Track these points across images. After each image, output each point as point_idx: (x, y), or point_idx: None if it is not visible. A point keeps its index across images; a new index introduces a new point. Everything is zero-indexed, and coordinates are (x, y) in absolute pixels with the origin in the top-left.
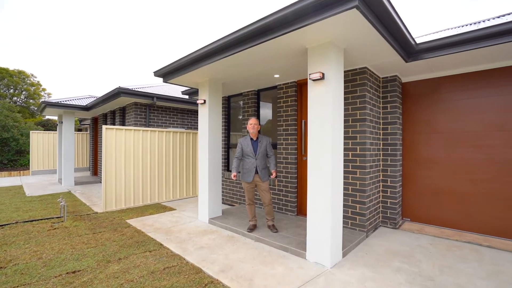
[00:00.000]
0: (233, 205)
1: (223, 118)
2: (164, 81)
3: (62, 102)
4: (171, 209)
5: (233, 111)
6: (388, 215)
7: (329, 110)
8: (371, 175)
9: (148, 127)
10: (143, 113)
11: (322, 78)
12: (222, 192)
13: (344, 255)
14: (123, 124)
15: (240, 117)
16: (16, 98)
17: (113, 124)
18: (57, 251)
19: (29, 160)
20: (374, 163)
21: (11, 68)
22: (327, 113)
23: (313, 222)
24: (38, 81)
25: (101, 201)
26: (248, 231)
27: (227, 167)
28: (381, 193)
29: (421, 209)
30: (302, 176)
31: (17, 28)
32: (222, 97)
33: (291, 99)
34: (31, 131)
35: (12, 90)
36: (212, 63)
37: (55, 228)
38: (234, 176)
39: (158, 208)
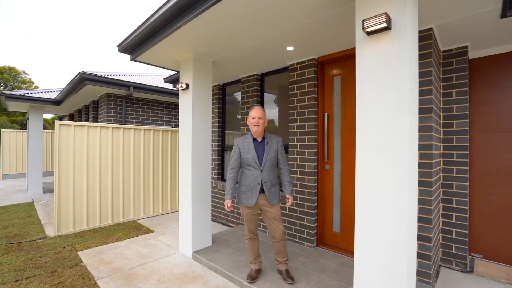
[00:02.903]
0: (230, 226)
1: (215, 110)
2: (132, 59)
3: (25, 95)
4: (147, 230)
5: (229, 106)
6: (453, 251)
7: (406, 85)
8: (435, 195)
9: (125, 123)
10: (118, 106)
11: (388, 27)
12: (215, 207)
13: None
14: (96, 121)
15: (239, 116)
16: None
17: (87, 121)
18: None
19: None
20: (437, 176)
21: (1, 64)
22: (402, 91)
23: (369, 278)
24: (30, 78)
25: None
26: (249, 282)
27: (221, 175)
28: (441, 219)
29: (500, 242)
30: (324, 191)
31: (12, 26)
32: (215, 86)
33: (309, 83)
34: (2, 130)
35: (2, 87)
36: (194, 18)
37: None
38: (229, 206)
39: (131, 229)
